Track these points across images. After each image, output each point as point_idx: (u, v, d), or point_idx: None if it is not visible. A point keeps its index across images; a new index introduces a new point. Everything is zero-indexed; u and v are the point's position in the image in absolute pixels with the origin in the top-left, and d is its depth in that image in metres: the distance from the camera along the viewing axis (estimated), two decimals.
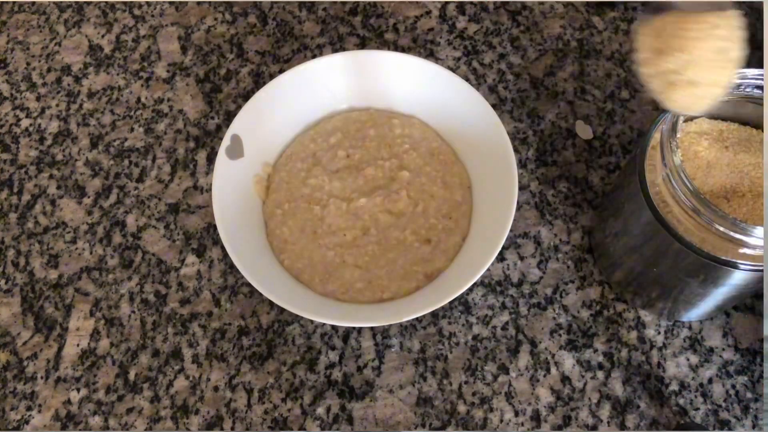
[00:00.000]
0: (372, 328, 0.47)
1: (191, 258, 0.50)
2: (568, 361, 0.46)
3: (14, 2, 0.61)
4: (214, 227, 0.51)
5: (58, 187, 0.53)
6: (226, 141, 0.47)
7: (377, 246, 0.47)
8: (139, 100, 0.56)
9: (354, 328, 0.47)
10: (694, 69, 0.36)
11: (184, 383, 0.46)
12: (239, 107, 0.50)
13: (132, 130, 0.55)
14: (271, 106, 0.49)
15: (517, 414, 0.45)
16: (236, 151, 0.48)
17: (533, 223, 0.50)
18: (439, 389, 0.46)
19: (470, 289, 0.48)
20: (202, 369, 0.47)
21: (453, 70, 0.55)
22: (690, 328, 0.47)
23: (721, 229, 0.34)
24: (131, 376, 0.47)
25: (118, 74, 0.58)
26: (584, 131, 0.53)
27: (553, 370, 0.46)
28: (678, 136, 0.36)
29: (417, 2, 0.59)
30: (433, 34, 0.58)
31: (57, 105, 0.56)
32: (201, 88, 0.56)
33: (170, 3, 0.60)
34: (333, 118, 0.51)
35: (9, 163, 0.54)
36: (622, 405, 0.45)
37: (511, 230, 0.48)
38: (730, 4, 0.36)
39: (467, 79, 0.55)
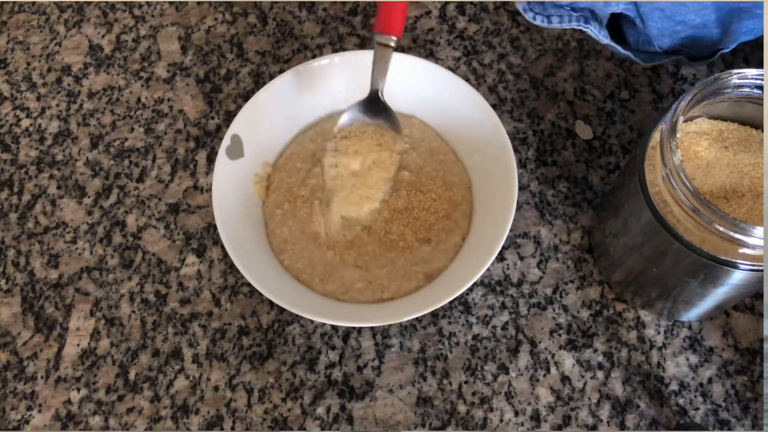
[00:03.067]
0: (372, 328, 0.47)
1: (191, 258, 0.50)
2: (568, 361, 0.46)
3: (14, 2, 0.61)
4: (214, 227, 0.51)
5: (59, 187, 0.53)
6: (226, 141, 0.47)
7: (377, 246, 0.47)
8: (139, 100, 0.56)
9: (354, 328, 0.47)
10: (363, 179, 0.45)
11: (184, 383, 0.46)
12: (239, 107, 0.50)
13: (132, 130, 0.55)
14: (271, 106, 0.49)
15: (517, 414, 0.45)
16: (236, 151, 0.48)
17: (533, 223, 0.50)
18: (439, 389, 0.46)
19: (470, 289, 0.48)
20: (202, 369, 0.47)
21: (453, 70, 0.55)
22: (690, 327, 0.47)
23: (721, 229, 0.34)
24: (131, 376, 0.47)
25: (118, 74, 0.58)
26: (584, 131, 0.53)
27: (553, 369, 0.46)
28: (678, 136, 0.36)
29: (417, 2, 0.59)
30: (433, 34, 0.58)
31: (57, 105, 0.56)
32: (201, 88, 0.56)
33: (170, 3, 0.60)
34: (333, 118, 0.51)
35: (9, 163, 0.54)
36: (621, 405, 0.45)
37: (511, 230, 0.48)
38: (400, 128, 0.47)
39: (467, 79, 0.55)
